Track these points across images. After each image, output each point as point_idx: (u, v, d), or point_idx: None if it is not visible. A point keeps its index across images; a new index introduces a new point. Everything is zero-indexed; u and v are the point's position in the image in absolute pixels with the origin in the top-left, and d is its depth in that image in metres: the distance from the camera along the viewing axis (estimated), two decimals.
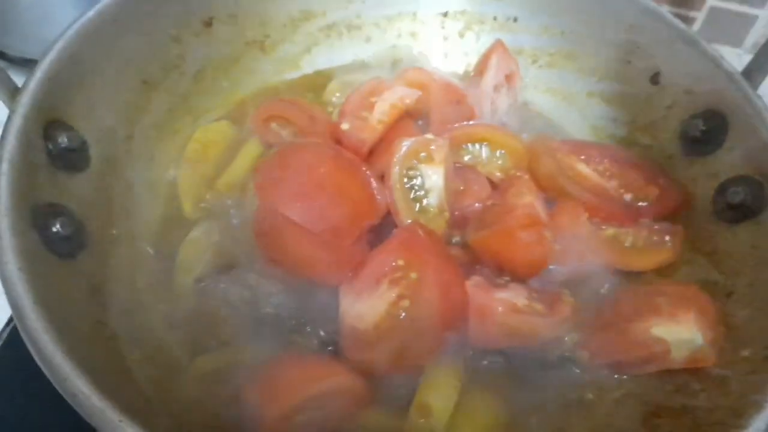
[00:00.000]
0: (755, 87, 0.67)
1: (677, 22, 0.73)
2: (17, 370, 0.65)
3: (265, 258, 0.61)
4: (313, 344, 0.58)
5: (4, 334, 0.69)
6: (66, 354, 0.43)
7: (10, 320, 0.70)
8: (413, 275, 0.56)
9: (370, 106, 0.68)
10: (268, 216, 0.58)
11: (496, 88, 0.77)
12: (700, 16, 1.18)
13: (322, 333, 0.58)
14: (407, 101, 0.68)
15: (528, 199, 0.59)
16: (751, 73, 0.69)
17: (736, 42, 1.21)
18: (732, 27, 1.19)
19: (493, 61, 0.76)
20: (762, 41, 0.69)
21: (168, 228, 0.67)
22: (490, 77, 0.76)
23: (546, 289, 0.61)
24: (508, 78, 0.78)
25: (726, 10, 1.15)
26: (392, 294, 0.56)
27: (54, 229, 0.53)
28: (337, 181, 0.58)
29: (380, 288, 0.56)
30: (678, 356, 0.56)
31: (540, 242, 0.58)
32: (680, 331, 0.56)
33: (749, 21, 1.17)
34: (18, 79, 0.60)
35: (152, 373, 0.54)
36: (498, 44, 0.78)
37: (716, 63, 0.69)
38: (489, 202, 0.64)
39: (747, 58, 0.70)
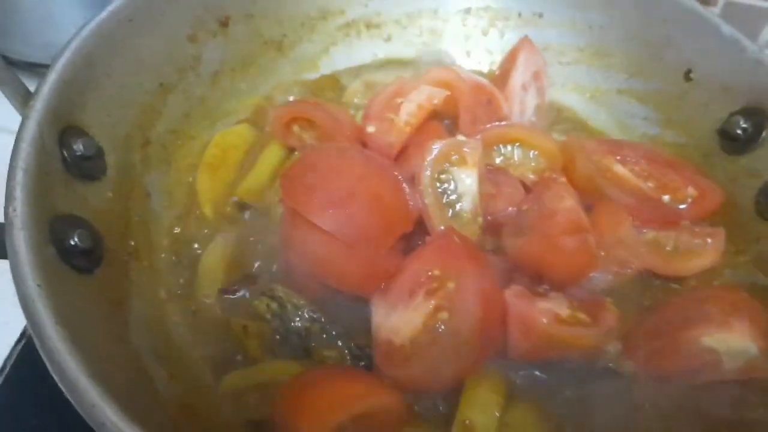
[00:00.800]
0: None
1: (712, 15, 0.71)
2: (29, 389, 0.62)
3: (291, 268, 0.58)
4: (345, 359, 0.55)
5: (15, 352, 0.66)
6: (90, 378, 0.40)
7: (20, 338, 0.67)
8: (450, 285, 0.53)
9: (396, 108, 0.65)
10: (297, 224, 0.55)
11: (524, 87, 0.74)
12: (715, 11, 1.16)
13: (354, 347, 0.56)
14: (435, 101, 0.66)
15: (569, 203, 0.56)
16: None
17: (751, 36, 1.18)
18: (747, 21, 1.17)
19: (521, 58, 0.74)
20: None
21: (188, 237, 0.64)
22: (518, 76, 0.73)
23: (587, 298, 0.58)
24: (536, 76, 0.75)
25: (742, 5, 1.14)
26: (429, 305, 0.53)
27: (72, 243, 0.50)
28: (370, 187, 0.55)
29: (416, 299, 0.53)
30: (731, 367, 0.53)
31: (584, 249, 0.55)
32: (732, 340, 0.53)
33: (765, 15, 1.15)
34: None
35: (180, 394, 0.51)
36: (525, 41, 0.75)
37: (756, 58, 0.67)
38: (524, 207, 0.62)
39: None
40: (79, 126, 0.56)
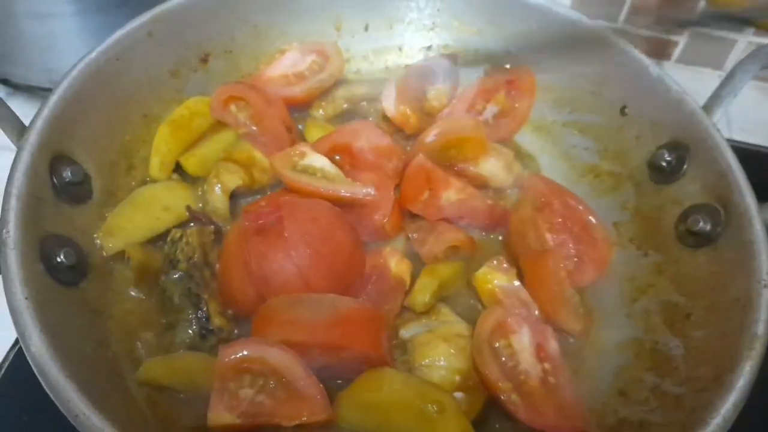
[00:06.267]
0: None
1: (643, 57, 0.77)
2: (23, 389, 0.68)
3: (228, 272, 0.64)
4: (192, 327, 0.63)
5: (10, 356, 0.72)
6: (69, 378, 0.47)
7: (15, 343, 0.73)
8: None
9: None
10: (261, 243, 0.60)
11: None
12: (681, 40, 1.22)
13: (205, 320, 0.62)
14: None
15: None
16: (711, 107, 0.73)
17: (717, 64, 1.25)
18: (713, 50, 1.23)
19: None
20: None
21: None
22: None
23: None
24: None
25: (707, 35, 1.20)
26: None
27: (58, 260, 0.57)
28: (337, 237, 0.62)
29: None
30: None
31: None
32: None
33: (729, 44, 1.21)
34: (22, 106, 0.63)
35: (151, 393, 0.58)
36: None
37: (679, 98, 0.73)
38: None
39: None
40: (68, 155, 0.63)
